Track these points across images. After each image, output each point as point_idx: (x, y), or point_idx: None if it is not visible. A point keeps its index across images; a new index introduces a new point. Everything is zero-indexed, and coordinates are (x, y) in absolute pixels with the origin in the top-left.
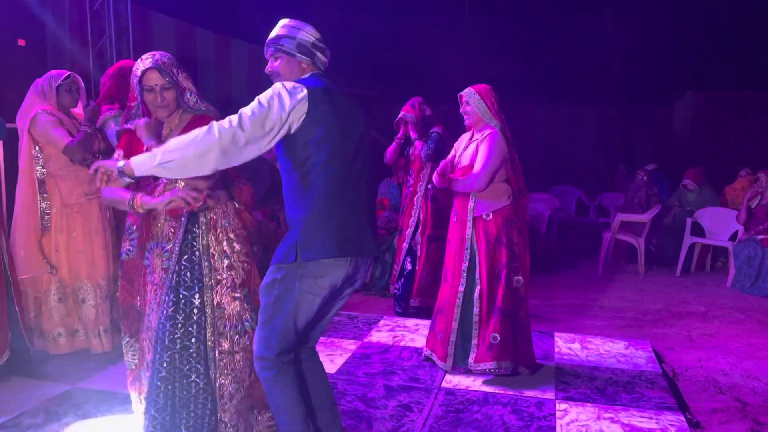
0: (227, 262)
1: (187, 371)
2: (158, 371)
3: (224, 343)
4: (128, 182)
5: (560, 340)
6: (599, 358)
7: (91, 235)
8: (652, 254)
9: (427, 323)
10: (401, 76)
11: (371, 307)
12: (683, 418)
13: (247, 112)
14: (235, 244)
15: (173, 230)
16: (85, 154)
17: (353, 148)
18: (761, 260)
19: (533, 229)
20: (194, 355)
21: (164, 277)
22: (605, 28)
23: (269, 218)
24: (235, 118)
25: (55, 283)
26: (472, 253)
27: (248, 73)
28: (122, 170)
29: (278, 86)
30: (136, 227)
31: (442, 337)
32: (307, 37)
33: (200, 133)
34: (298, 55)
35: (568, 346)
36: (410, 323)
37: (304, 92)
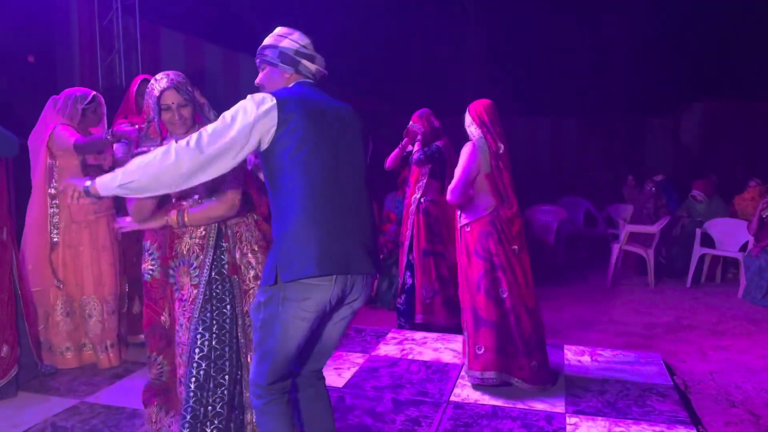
0: (253, 272)
1: (220, 380)
2: (195, 380)
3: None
4: (95, 201)
5: (570, 352)
6: (609, 370)
7: (98, 250)
8: (661, 266)
9: (434, 336)
10: (409, 89)
11: (379, 320)
12: None
13: (207, 130)
14: (258, 255)
15: (201, 247)
16: (92, 152)
17: (338, 159)
18: None
19: (541, 240)
20: (227, 364)
21: (194, 292)
22: (612, 39)
23: None
24: (194, 137)
25: (61, 297)
26: (461, 263)
27: (256, 87)
28: (87, 190)
29: (246, 99)
30: (156, 246)
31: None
32: (290, 45)
33: (158, 153)
34: (280, 64)
35: (577, 358)
36: (418, 336)
37: (271, 103)
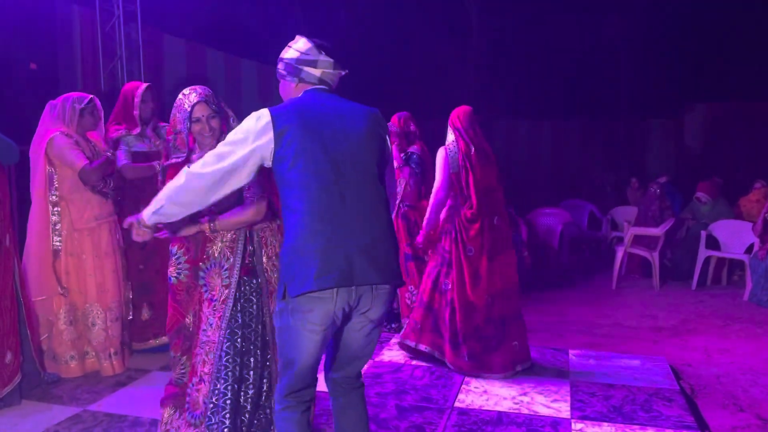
0: (276, 275)
1: (245, 375)
2: (224, 379)
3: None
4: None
5: (575, 357)
6: (615, 375)
7: (101, 258)
8: (666, 268)
9: None
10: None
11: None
12: None
13: (213, 152)
14: (274, 255)
15: (231, 249)
16: (101, 178)
17: (338, 169)
18: None
19: (545, 244)
20: (251, 360)
21: (225, 292)
22: (614, 41)
23: None
24: (201, 161)
25: (65, 305)
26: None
27: (258, 93)
28: (140, 221)
29: (249, 116)
30: (184, 251)
31: None
32: (292, 54)
33: (176, 180)
34: (287, 76)
35: (582, 363)
36: None
37: (266, 120)
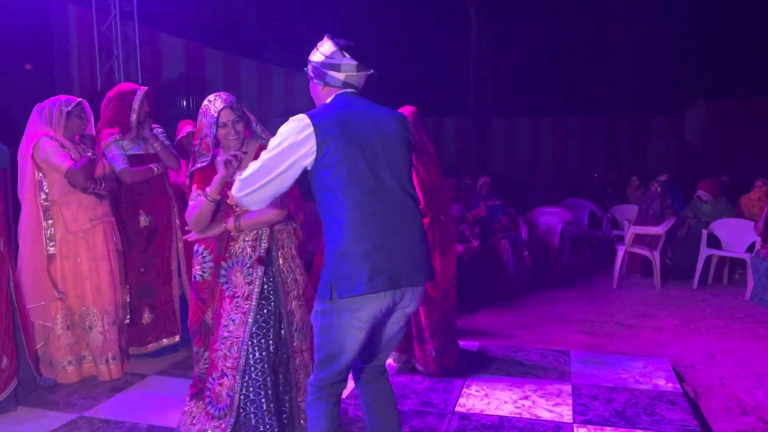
0: (292, 276)
1: (265, 371)
2: (256, 372)
3: (296, 342)
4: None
5: (576, 359)
6: (617, 377)
7: (96, 261)
8: (667, 267)
9: None
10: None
11: None
12: None
13: (257, 163)
14: (297, 259)
15: (253, 248)
16: (87, 179)
17: (378, 174)
18: None
19: (545, 243)
20: (265, 354)
21: (248, 289)
22: (614, 39)
23: None
24: (247, 171)
25: (62, 310)
26: None
27: (257, 92)
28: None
29: (289, 124)
30: (209, 251)
31: None
32: (317, 58)
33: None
34: (314, 78)
35: (584, 365)
36: None
37: (309, 130)
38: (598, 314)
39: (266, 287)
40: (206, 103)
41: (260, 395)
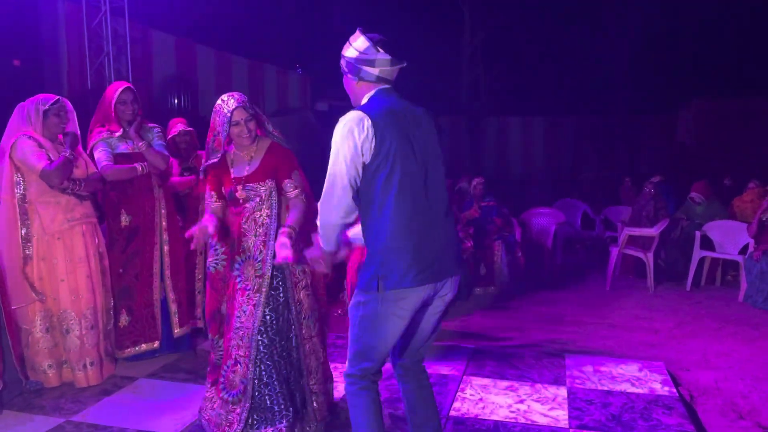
0: (299, 267)
1: (276, 357)
2: (266, 359)
3: (304, 330)
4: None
5: (571, 362)
6: (613, 381)
7: (74, 262)
8: (660, 269)
9: (436, 344)
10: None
11: None
12: None
13: (331, 174)
14: (304, 252)
15: (263, 243)
16: (63, 179)
17: (422, 165)
18: None
19: (539, 244)
20: (275, 341)
21: (259, 281)
22: (607, 38)
23: None
24: (325, 184)
25: (40, 312)
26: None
27: (249, 90)
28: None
29: (343, 129)
30: (221, 244)
31: None
32: (351, 53)
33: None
34: (348, 73)
35: (579, 369)
36: None
37: (368, 125)
38: (592, 316)
39: (276, 281)
40: (219, 102)
41: (273, 378)
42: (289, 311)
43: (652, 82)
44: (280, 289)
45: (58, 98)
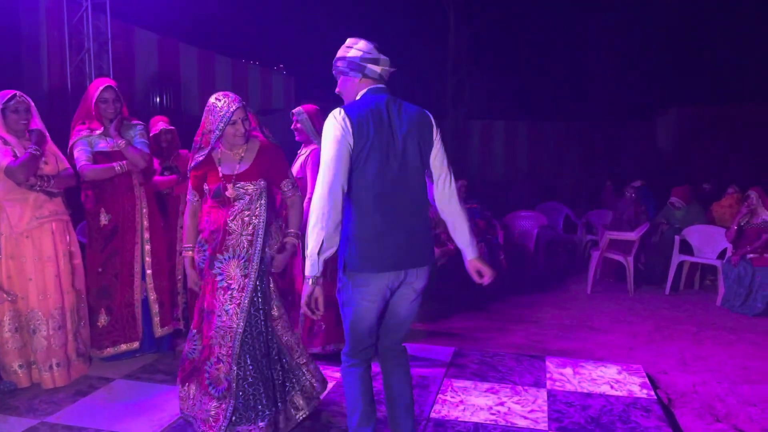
0: (275, 261)
1: (259, 356)
2: (249, 359)
3: (275, 311)
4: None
5: (552, 365)
6: (592, 384)
7: (42, 261)
8: (640, 272)
9: (412, 347)
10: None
11: None
12: None
13: (321, 170)
14: (276, 246)
15: (250, 242)
16: (29, 176)
17: (399, 163)
18: (751, 279)
19: (521, 247)
20: (265, 336)
21: (244, 281)
22: (589, 45)
23: None
24: (318, 179)
25: (9, 312)
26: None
27: (233, 88)
28: (314, 281)
29: (331, 122)
30: (207, 242)
31: None
32: (355, 54)
33: (310, 229)
34: (350, 72)
35: (559, 371)
36: None
37: (350, 128)
38: (572, 319)
39: (258, 278)
40: (213, 101)
41: (256, 378)
42: (269, 306)
43: (632, 89)
44: (263, 278)
45: (13, 94)
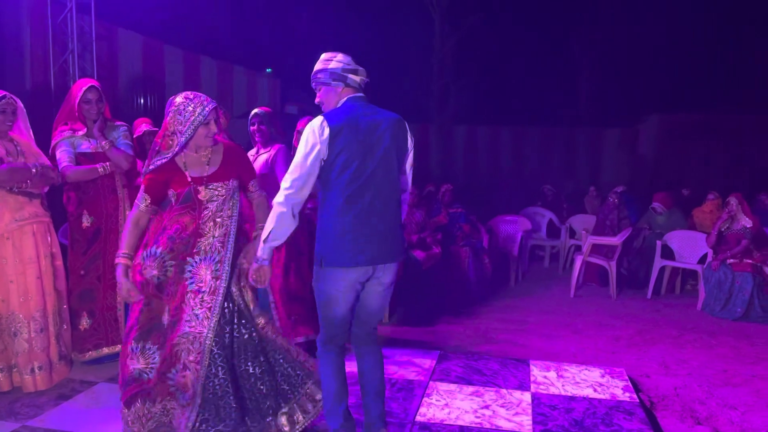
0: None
1: (227, 360)
2: (219, 366)
3: (259, 320)
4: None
5: (536, 368)
6: (576, 387)
7: (23, 263)
8: (623, 277)
9: (398, 351)
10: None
11: None
12: None
13: (290, 169)
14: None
15: (222, 244)
16: (11, 184)
17: (373, 166)
18: (731, 284)
19: (505, 251)
20: (237, 342)
21: (215, 284)
22: (573, 52)
23: None
24: (284, 179)
25: None
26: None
27: (218, 90)
28: (259, 261)
29: (308, 132)
30: (168, 250)
31: None
32: (336, 65)
33: (273, 210)
34: (332, 82)
35: (543, 374)
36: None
37: (326, 132)
38: (556, 323)
39: (229, 280)
40: (182, 100)
41: (228, 391)
42: (240, 300)
43: (614, 96)
44: (233, 289)
45: (3, 95)
